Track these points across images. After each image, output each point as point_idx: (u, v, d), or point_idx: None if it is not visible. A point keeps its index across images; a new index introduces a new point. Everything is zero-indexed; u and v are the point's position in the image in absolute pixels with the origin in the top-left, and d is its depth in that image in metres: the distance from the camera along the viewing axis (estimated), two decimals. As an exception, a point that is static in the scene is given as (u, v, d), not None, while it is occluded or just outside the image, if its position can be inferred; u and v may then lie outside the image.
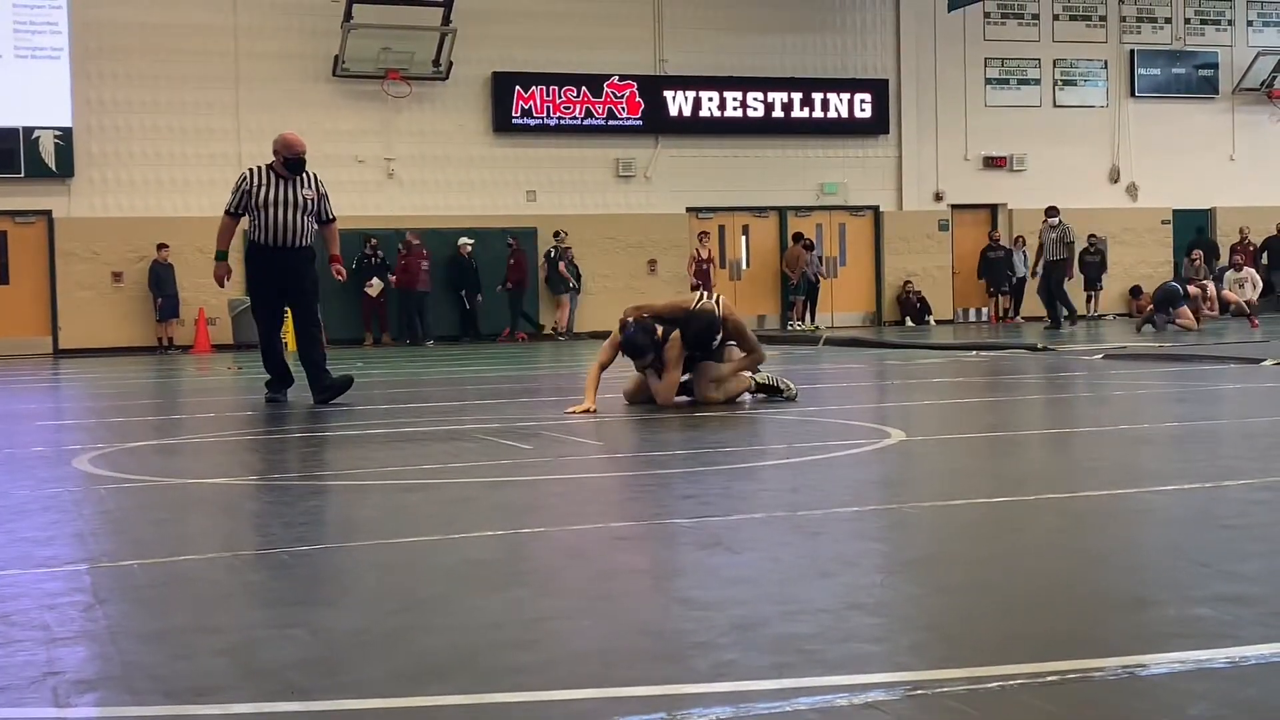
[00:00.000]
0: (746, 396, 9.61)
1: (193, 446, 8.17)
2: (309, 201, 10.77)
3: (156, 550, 4.49)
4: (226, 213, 10.85)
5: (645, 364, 9.40)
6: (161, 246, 23.81)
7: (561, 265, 25.65)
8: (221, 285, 11.33)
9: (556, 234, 25.90)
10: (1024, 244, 28.30)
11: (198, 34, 24.28)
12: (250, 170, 10.87)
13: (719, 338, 9.42)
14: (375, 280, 24.58)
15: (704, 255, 26.48)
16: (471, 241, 25.17)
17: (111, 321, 23.71)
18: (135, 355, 22.67)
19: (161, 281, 23.87)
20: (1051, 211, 23.10)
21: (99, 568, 4.15)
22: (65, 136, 23.50)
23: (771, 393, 9.59)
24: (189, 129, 24.26)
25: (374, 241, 24.79)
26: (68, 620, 3.46)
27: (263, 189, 10.62)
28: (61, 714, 2.66)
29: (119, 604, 3.71)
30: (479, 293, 25.16)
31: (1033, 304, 26.78)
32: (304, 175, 10.82)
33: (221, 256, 10.97)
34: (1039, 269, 23.95)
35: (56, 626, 3.36)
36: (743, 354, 9.64)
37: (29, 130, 23.30)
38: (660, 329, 9.28)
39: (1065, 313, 23.57)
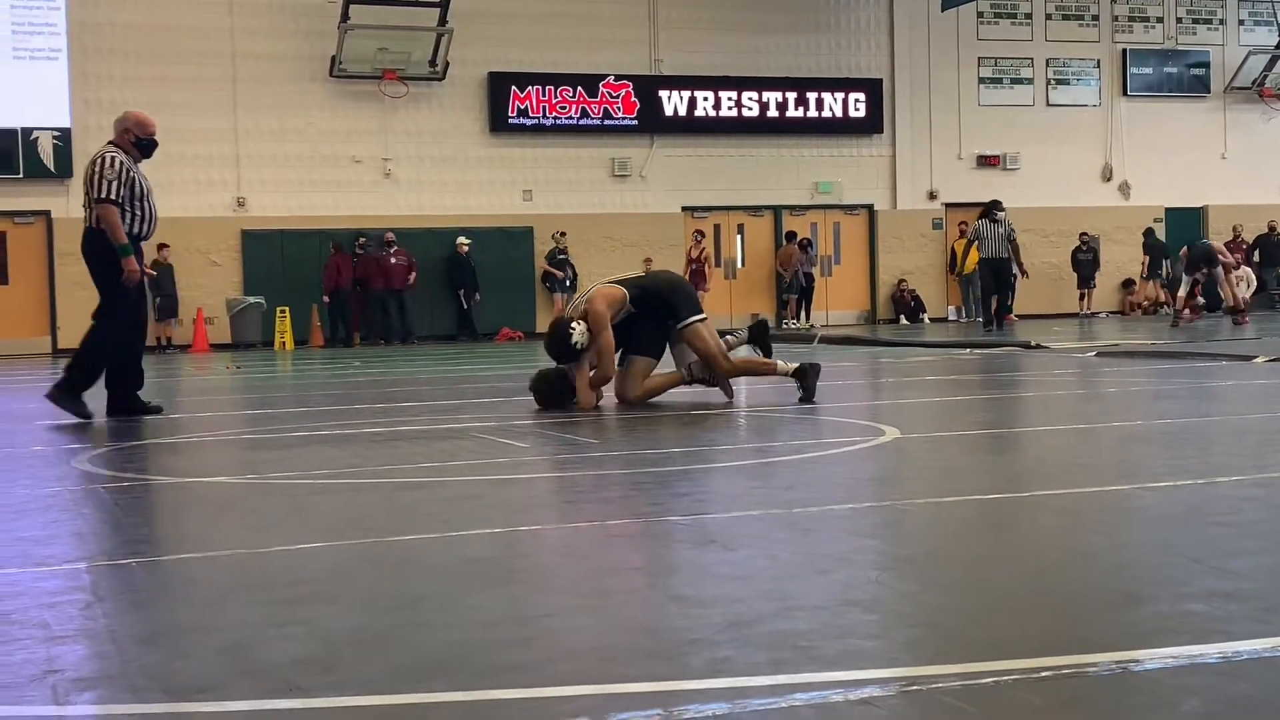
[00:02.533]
0: (681, 388, 9.70)
1: (191, 446, 8.19)
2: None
3: (155, 549, 4.52)
4: (115, 201, 9.36)
5: (576, 346, 9.24)
6: (161, 247, 23.75)
7: (547, 264, 25.79)
8: (142, 279, 9.65)
9: (556, 235, 26.02)
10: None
11: (194, 35, 24.38)
12: (118, 156, 9.49)
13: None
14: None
15: (697, 254, 26.51)
16: (469, 241, 25.26)
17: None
18: (134, 355, 22.61)
19: (160, 282, 23.80)
20: (998, 206, 21.93)
21: (98, 566, 4.17)
22: (64, 137, 23.52)
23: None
24: (186, 130, 24.22)
25: (363, 240, 24.87)
26: (67, 619, 3.48)
27: (136, 177, 9.48)
28: (61, 712, 2.67)
29: (118, 602, 3.73)
30: (476, 291, 25.23)
31: (1030, 303, 26.87)
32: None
33: (129, 250, 9.46)
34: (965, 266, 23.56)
35: (56, 625, 3.38)
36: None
37: (27, 131, 23.34)
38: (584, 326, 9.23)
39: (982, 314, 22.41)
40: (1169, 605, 3.31)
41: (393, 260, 24.73)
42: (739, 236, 28.45)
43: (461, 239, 25.29)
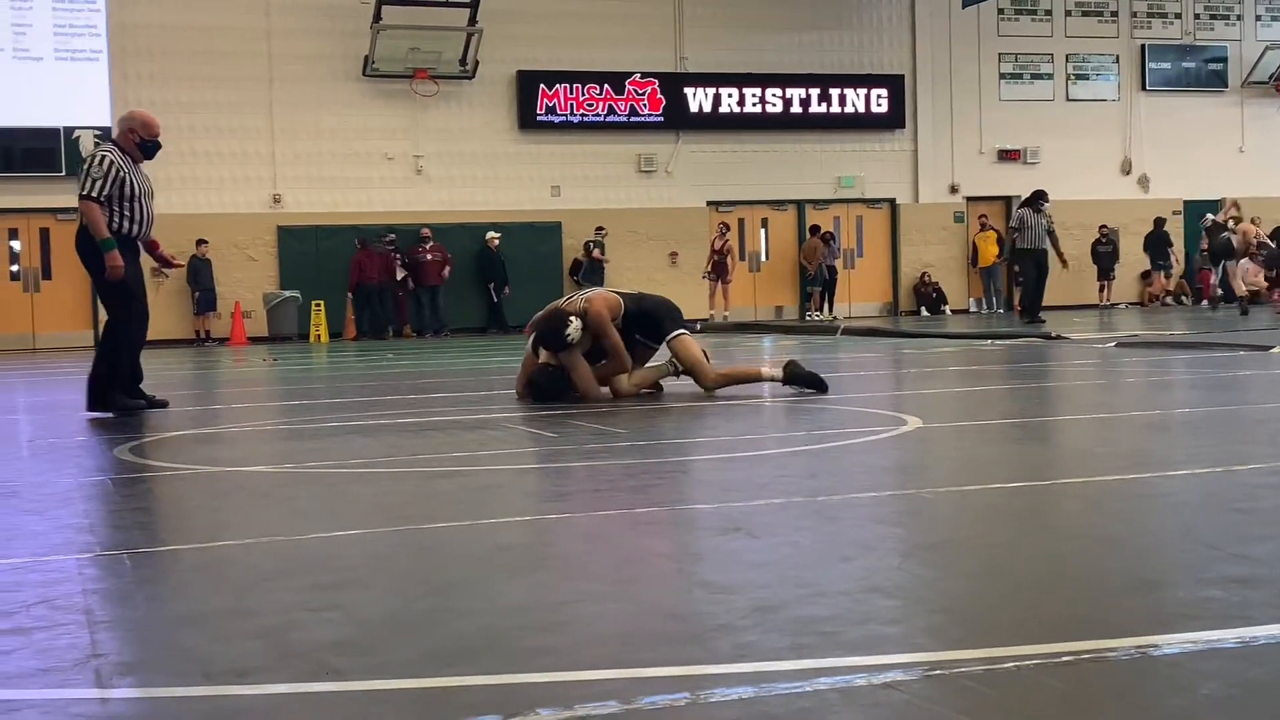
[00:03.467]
0: (666, 382, 9.66)
1: (230, 435, 8.29)
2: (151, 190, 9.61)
3: (195, 536, 4.58)
4: (95, 199, 9.21)
5: (569, 340, 9.28)
6: (200, 242, 24.27)
7: (582, 256, 25.86)
8: (122, 276, 9.34)
9: (598, 229, 26.25)
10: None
11: (232, 35, 24.71)
12: (113, 154, 9.35)
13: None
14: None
15: (720, 246, 26.53)
16: (498, 235, 25.44)
17: (151, 315, 23.89)
18: (174, 347, 22.83)
19: (199, 276, 24.36)
20: (1043, 197, 21.16)
21: (139, 553, 4.24)
22: (105, 136, 23.68)
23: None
24: (224, 128, 24.66)
25: (392, 236, 25.02)
26: (109, 604, 3.55)
27: (128, 177, 9.30)
28: (104, 695, 2.70)
29: (159, 588, 3.82)
30: (506, 285, 25.41)
31: (1050, 294, 26.67)
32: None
33: (112, 245, 9.26)
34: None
35: (99, 610, 3.43)
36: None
37: (69, 130, 23.56)
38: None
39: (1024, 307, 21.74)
40: (1188, 591, 3.33)
41: (429, 256, 25.06)
42: (763, 230, 28.52)
43: (491, 233, 25.48)
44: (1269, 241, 23.83)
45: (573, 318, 9.23)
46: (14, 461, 7.12)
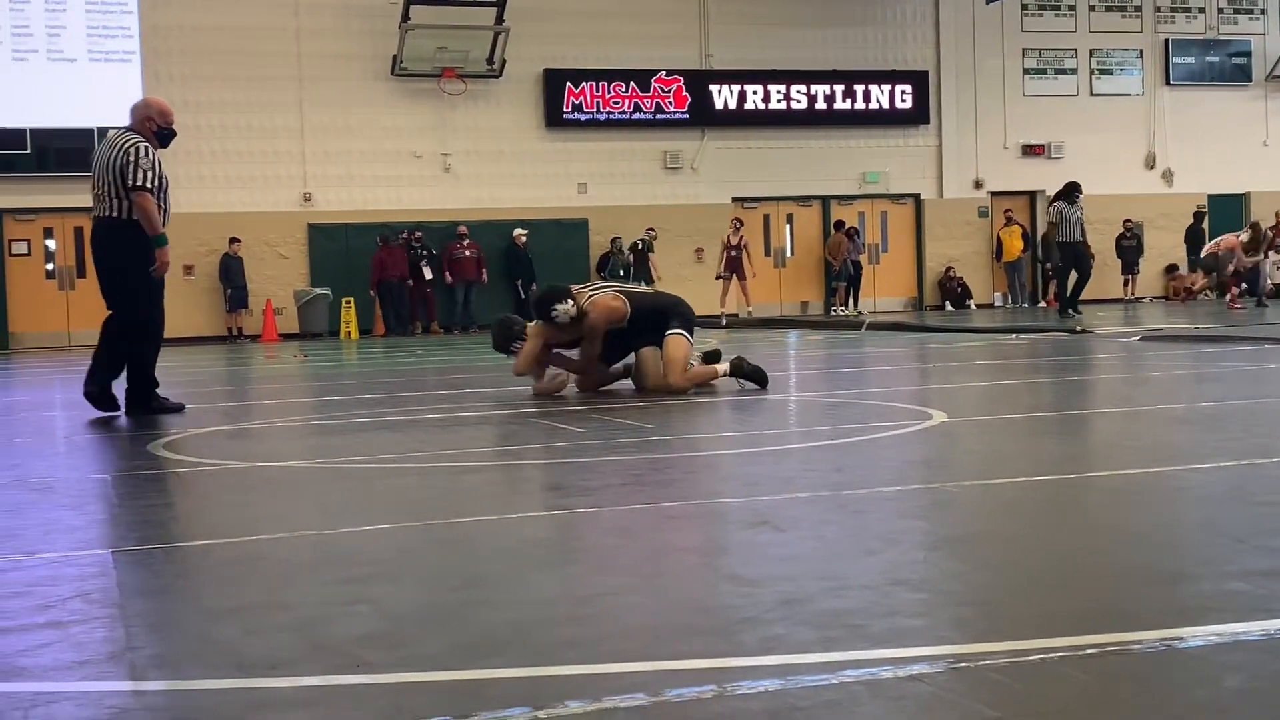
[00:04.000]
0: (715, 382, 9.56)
1: (261, 431, 8.35)
2: None
3: (228, 530, 4.59)
4: (150, 190, 8.85)
5: (553, 317, 9.32)
6: (233, 240, 24.44)
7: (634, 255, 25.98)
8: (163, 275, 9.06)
9: (649, 230, 26.35)
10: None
11: (261, 36, 24.86)
12: (149, 145, 8.97)
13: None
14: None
15: (735, 242, 26.42)
16: (526, 232, 25.54)
17: (183, 312, 24.06)
18: (207, 344, 23.04)
19: (231, 273, 24.59)
20: (1078, 189, 20.99)
21: (173, 548, 4.31)
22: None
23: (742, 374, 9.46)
24: (254, 127, 24.85)
25: (419, 234, 25.17)
26: (143, 598, 3.60)
27: (161, 167, 9.00)
28: (139, 687, 2.73)
29: (192, 581, 3.86)
30: (533, 281, 25.50)
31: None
32: None
33: (165, 240, 8.97)
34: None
35: (133, 604, 3.48)
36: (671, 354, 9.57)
37: (103, 130, 23.60)
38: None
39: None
40: (1212, 584, 3.32)
41: (466, 253, 25.22)
42: (788, 226, 28.53)
43: (518, 230, 25.59)
44: None
45: (570, 301, 9.28)
46: (50, 457, 7.20)
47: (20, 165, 23.94)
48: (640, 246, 26.26)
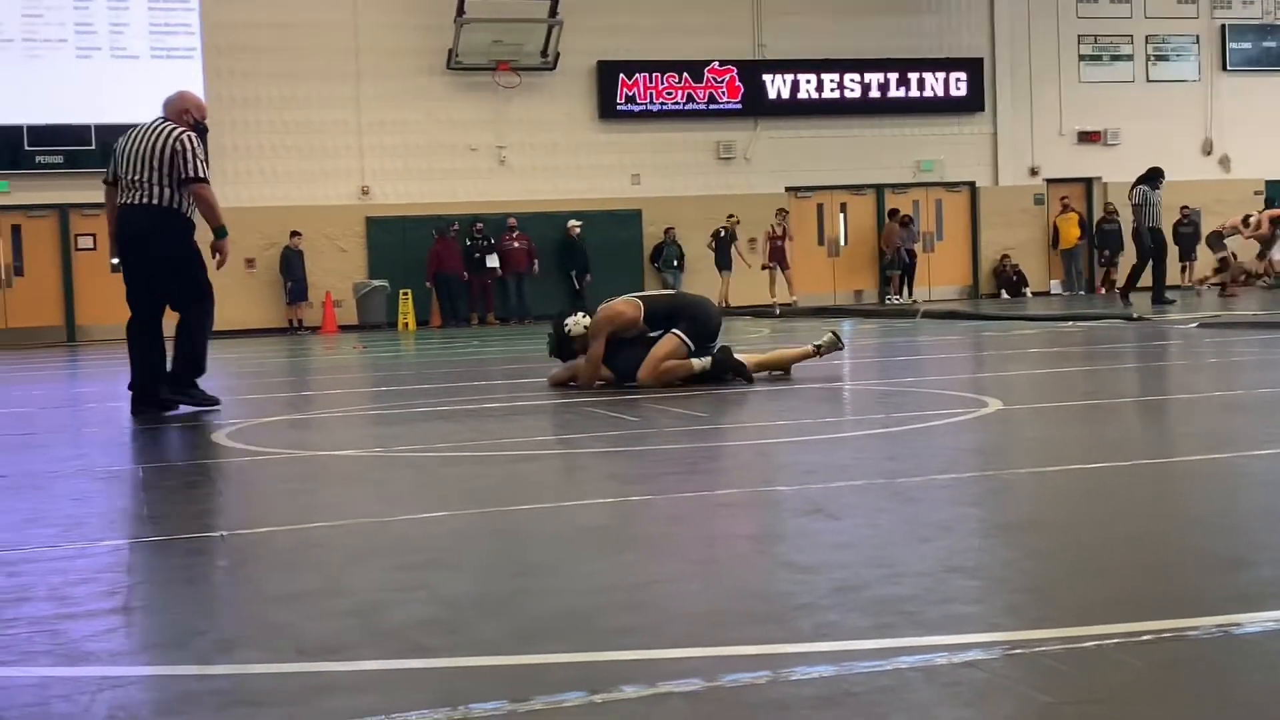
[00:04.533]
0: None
1: (322, 421, 8.45)
2: None
3: (290, 518, 4.66)
4: (208, 180, 8.76)
5: (566, 331, 9.42)
6: (294, 234, 24.68)
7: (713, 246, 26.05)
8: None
9: (730, 217, 26.33)
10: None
11: (320, 31, 25.08)
12: (193, 134, 8.79)
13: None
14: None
15: (779, 233, 26.32)
16: (579, 223, 25.60)
17: (244, 305, 24.30)
18: (267, 336, 23.28)
19: (291, 266, 24.82)
20: (1161, 174, 20.34)
21: (237, 534, 4.35)
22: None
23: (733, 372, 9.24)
24: (313, 122, 25.09)
25: (480, 226, 25.35)
26: (206, 583, 3.68)
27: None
28: (204, 671, 2.77)
29: (256, 568, 3.92)
30: (588, 273, 25.63)
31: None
32: None
33: (226, 231, 8.89)
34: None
35: (196, 589, 3.56)
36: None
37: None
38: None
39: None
40: (1271, 569, 3.31)
41: (515, 244, 25.37)
42: (841, 215, 28.45)
43: (573, 222, 25.68)
44: None
45: (578, 314, 9.47)
46: (116, 446, 7.31)
47: (85, 161, 24.22)
48: (723, 235, 26.18)
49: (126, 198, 8.67)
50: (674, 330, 9.25)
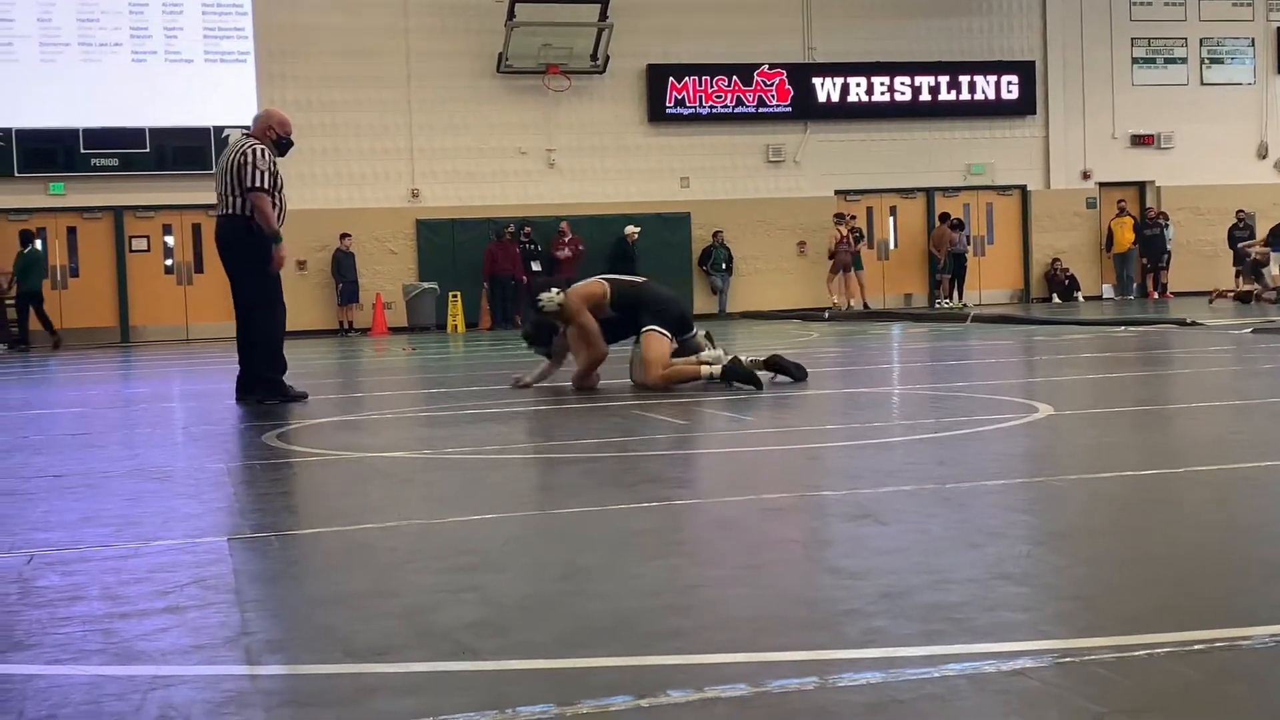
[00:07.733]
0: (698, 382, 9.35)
1: (371, 422, 8.49)
2: None
3: (338, 519, 4.70)
4: (266, 191, 9.40)
5: (546, 351, 9.75)
6: (344, 236, 24.87)
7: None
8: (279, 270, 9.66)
9: (850, 216, 26.42)
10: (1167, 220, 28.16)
11: (372, 35, 25.26)
12: (266, 149, 9.56)
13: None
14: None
15: (845, 236, 26.22)
16: (638, 229, 25.65)
17: (296, 306, 24.41)
18: (319, 338, 23.43)
19: (343, 268, 25.08)
20: None
21: (286, 535, 4.39)
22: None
23: (742, 380, 9.09)
24: (364, 125, 25.29)
25: (528, 230, 25.44)
26: (258, 584, 3.70)
27: (278, 171, 9.61)
28: (252, 671, 2.80)
29: (303, 569, 3.96)
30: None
31: (1185, 279, 26.56)
32: None
33: (280, 237, 9.56)
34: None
35: (247, 590, 3.56)
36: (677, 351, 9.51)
37: (219, 129, 24.23)
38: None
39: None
40: (1326, 580, 3.26)
41: (567, 251, 25.43)
42: (891, 218, 28.37)
43: (631, 228, 25.72)
44: None
45: (554, 289, 9.68)
46: (169, 447, 7.37)
47: (139, 164, 24.54)
48: (841, 229, 25.98)
49: (217, 209, 9.64)
50: (652, 328, 9.30)
